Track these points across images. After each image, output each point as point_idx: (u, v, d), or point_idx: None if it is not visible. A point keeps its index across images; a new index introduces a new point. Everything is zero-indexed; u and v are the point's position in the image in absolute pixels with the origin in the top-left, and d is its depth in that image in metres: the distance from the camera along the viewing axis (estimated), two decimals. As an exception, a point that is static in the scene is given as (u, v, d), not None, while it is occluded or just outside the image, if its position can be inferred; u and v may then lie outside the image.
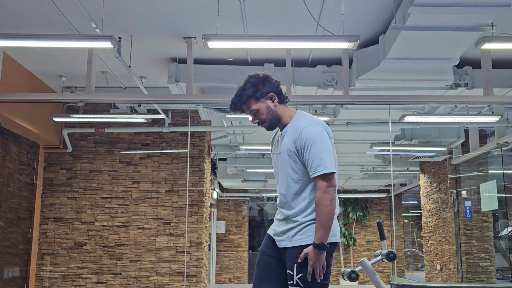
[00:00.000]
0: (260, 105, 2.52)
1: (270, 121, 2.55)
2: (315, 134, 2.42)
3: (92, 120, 7.96)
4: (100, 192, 8.08)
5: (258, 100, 2.52)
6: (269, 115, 2.53)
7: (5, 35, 4.69)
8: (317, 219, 2.36)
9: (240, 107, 2.54)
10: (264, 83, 2.53)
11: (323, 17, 5.20)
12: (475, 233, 9.66)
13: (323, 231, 2.34)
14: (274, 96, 2.53)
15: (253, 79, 2.53)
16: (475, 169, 9.64)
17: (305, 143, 2.41)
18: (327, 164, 2.38)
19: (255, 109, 2.53)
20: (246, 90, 2.51)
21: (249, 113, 2.56)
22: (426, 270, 11.33)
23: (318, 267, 2.37)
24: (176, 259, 7.90)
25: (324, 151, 2.40)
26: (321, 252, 2.35)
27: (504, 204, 9.01)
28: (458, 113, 7.32)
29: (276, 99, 2.54)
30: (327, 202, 2.34)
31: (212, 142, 9.13)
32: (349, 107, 7.05)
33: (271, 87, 2.54)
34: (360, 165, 11.48)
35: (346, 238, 15.48)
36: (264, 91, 2.52)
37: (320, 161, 2.37)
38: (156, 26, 5.57)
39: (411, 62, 5.61)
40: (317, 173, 2.37)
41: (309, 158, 2.40)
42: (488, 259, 9.41)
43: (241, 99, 2.52)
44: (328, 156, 2.40)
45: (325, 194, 2.35)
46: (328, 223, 2.35)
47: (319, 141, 2.41)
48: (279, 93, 2.55)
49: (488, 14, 4.58)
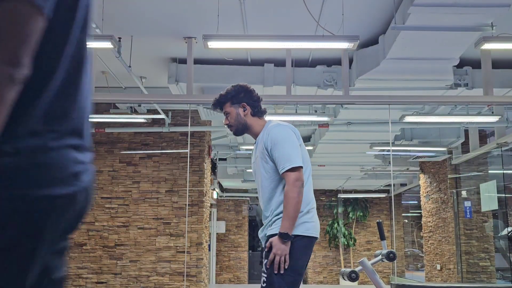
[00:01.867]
0: (232, 110, 2.79)
1: (237, 126, 2.81)
2: (281, 133, 2.65)
3: (92, 120, 7.96)
4: (100, 192, 8.08)
5: (232, 104, 2.78)
6: (236, 121, 2.79)
7: (5, 35, 4.68)
8: (284, 210, 2.52)
9: (218, 105, 2.83)
10: (245, 93, 2.79)
11: (323, 17, 5.21)
12: (475, 233, 9.67)
13: (288, 222, 2.49)
14: (246, 106, 2.78)
15: (237, 86, 2.81)
16: (475, 169, 9.64)
17: (272, 142, 2.63)
18: (293, 159, 2.56)
19: (227, 112, 2.80)
20: (228, 93, 2.79)
21: (223, 113, 2.83)
22: (426, 270, 11.33)
23: (280, 256, 2.47)
24: (176, 259, 7.91)
25: (290, 148, 2.60)
26: (285, 241, 2.48)
27: (504, 204, 9.01)
28: (458, 113, 7.32)
29: (248, 110, 2.78)
30: (294, 195, 2.50)
31: (212, 142, 9.14)
32: (349, 107, 7.05)
33: (248, 99, 2.79)
34: (360, 165, 11.49)
35: (346, 238, 15.48)
36: (240, 99, 2.77)
37: (287, 156, 2.57)
38: (156, 26, 5.57)
39: (411, 62, 5.62)
40: (285, 168, 2.55)
41: (278, 155, 2.60)
42: (488, 259, 9.41)
43: (220, 99, 2.80)
44: (294, 152, 2.59)
45: (292, 187, 2.51)
46: (294, 214, 2.50)
47: (285, 139, 2.62)
48: (254, 106, 2.79)
49: (488, 14, 4.58)
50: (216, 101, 2.81)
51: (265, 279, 2.54)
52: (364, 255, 15.38)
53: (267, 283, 2.53)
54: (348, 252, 15.65)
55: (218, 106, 2.81)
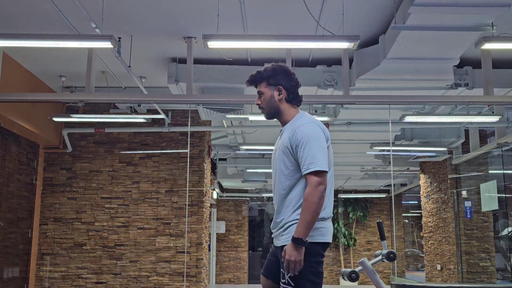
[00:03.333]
0: (266, 90, 2.63)
1: (268, 109, 2.65)
2: (310, 132, 2.47)
3: (92, 120, 7.96)
4: (100, 192, 8.08)
5: (268, 85, 2.62)
6: (269, 103, 2.63)
7: (5, 35, 4.68)
8: (301, 213, 2.36)
9: (253, 83, 2.67)
10: (283, 75, 2.63)
11: (323, 17, 5.20)
12: (475, 233, 9.66)
13: (304, 227, 2.33)
14: (281, 90, 2.61)
15: (277, 66, 2.64)
16: (475, 169, 9.63)
17: (300, 140, 2.46)
18: (320, 162, 2.40)
19: (262, 92, 2.64)
20: (265, 72, 2.63)
21: (257, 92, 2.67)
22: (426, 270, 11.32)
23: (293, 262, 2.33)
24: (176, 259, 7.90)
25: (318, 150, 2.43)
26: (298, 247, 2.32)
27: (504, 204, 9.01)
28: (458, 113, 7.32)
29: (283, 94, 2.62)
30: (315, 199, 2.34)
31: (212, 142, 9.13)
32: (349, 107, 7.04)
33: (285, 82, 2.62)
34: (360, 165, 11.48)
35: (346, 238, 15.48)
36: (277, 81, 2.61)
37: (313, 158, 2.40)
38: (156, 26, 5.57)
39: (411, 62, 5.61)
40: (310, 169, 2.39)
41: (303, 155, 2.43)
42: (488, 259, 9.41)
43: (256, 76, 2.65)
44: (322, 155, 2.43)
45: (314, 191, 2.35)
46: (312, 219, 2.34)
47: (314, 140, 2.45)
48: (290, 91, 2.63)
49: (488, 14, 4.58)
50: (251, 78, 2.65)
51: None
52: (364, 255, 15.38)
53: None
54: (348, 252, 15.64)
55: (253, 84, 2.66)
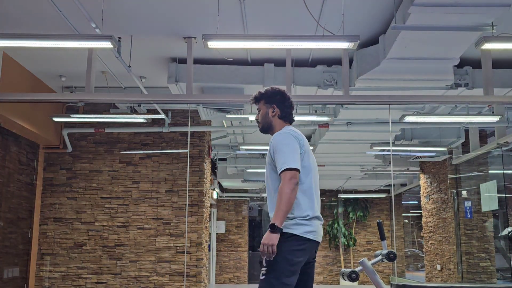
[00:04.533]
0: (263, 108, 3.08)
1: (263, 124, 3.09)
2: (280, 139, 2.87)
3: (92, 120, 7.96)
4: (100, 192, 8.08)
5: (265, 103, 3.07)
6: (264, 119, 3.08)
7: (5, 35, 4.68)
8: (277, 203, 2.71)
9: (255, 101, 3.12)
10: (279, 97, 3.06)
11: (323, 17, 5.20)
12: (475, 233, 9.66)
13: (278, 214, 2.67)
14: (275, 108, 3.04)
15: (275, 89, 3.10)
16: (475, 169, 9.63)
17: (274, 147, 2.86)
18: (290, 161, 2.77)
19: (259, 108, 3.11)
20: (266, 92, 3.08)
21: (257, 109, 3.14)
22: (426, 270, 11.32)
23: (266, 245, 2.64)
24: (176, 259, 7.90)
25: (288, 152, 2.80)
26: (272, 232, 2.65)
27: (504, 204, 9.00)
28: (458, 113, 7.32)
29: (276, 112, 3.04)
30: (288, 190, 2.69)
31: (212, 142, 9.13)
32: (349, 107, 7.04)
33: (279, 102, 3.05)
34: (360, 165, 11.48)
35: (346, 238, 15.48)
36: (273, 101, 3.05)
37: (285, 159, 2.77)
38: (156, 26, 5.57)
39: (411, 62, 5.61)
40: (282, 168, 2.76)
41: (277, 158, 2.82)
42: (488, 259, 9.40)
43: (257, 95, 3.10)
44: (293, 156, 2.79)
45: (287, 183, 2.70)
46: (285, 208, 2.68)
47: (284, 145, 2.83)
48: (282, 109, 3.05)
49: (488, 14, 4.58)
50: (254, 97, 3.11)
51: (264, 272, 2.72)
52: (364, 255, 15.37)
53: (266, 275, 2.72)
54: (348, 252, 15.64)
55: (255, 101, 3.11)
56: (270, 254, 2.64)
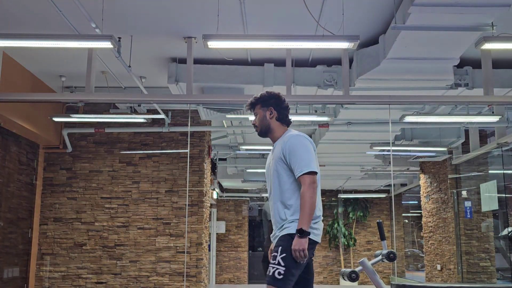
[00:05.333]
0: (260, 111, 3.09)
1: (261, 127, 3.10)
2: (298, 142, 2.91)
3: (92, 120, 7.96)
4: (100, 192, 8.08)
5: (262, 107, 3.08)
6: (261, 122, 3.09)
7: (5, 35, 4.68)
8: (301, 209, 2.76)
9: (251, 107, 3.14)
10: (275, 100, 3.08)
11: (323, 17, 5.20)
12: (475, 233, 9.66)
13: (305, 219, 2.73)
14: (273, 110, 3.07)
15: (270, 93, 3.11)
16: (475, 169, 9.63)
17: (290, 149, 2.89)
18: (311, 165, 2.83)
19: (256, 113, 3.11)
20: (261, 97, 3.10)
21: (254, 114, 3.14)
22: (426, 270, 11.32)
23: (298, 251, 2.70)
24: (176, 259, 7.90)
25: (307, 155, 2.85)
26: (301, 237, 2.71)
27: (504, 204, 9.00)
28: (458, 113, 7.32)
29: (274, 114, 3.06)
30: (311, 195, 2.76)
31: (212, 142, 9.13)
32: (349, 107, 7.04)
33: (276, 104, 3.07)
34: (360, 165, 11.48)
35: (346, 238, 15.47)
36: (269, 104, 3.07)
37: (305, 162, 2.82)
38: (156, 26, 5.57)
39: (411, 62, 5.61)
40: (303, 171, 2.80)
41: (295, 161, 2.85)
42: (488, 259, 9.40)
43: (253, 100, 3.11)
44: (312, 159, 2.85)
45: (309, 188, 2.77)
46: (310, 212, 2.75)
47: (302, 147, 2.88)
48: (280, 112, 3.07)
49: (488, 14, 4.58)
50: (249, 103, 3.12)
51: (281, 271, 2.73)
52: (364, 255, 15.38)
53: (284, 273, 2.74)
54: (348, 252, 15.64)
55: (251, 107, 3.13)
56: (302, 258, 2.71)
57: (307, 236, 2.72)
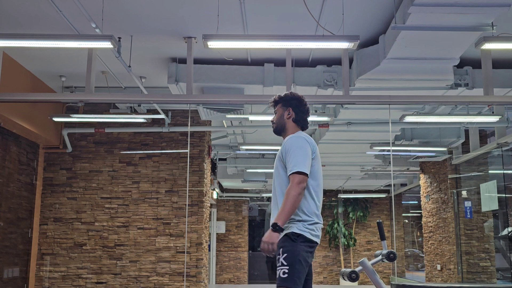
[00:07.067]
0: (280, 110, 3.18)
1: (277, 125, 3.19)
2: (294, 142, 2.97)
3: (92, 120, 7.96)
4: (100, 192, 8.08)
5: (282, 106, 3.18)
6: (278, 120, 3.18)
7: (5, 35, 4.68)
8: (282, 204, 2.80)
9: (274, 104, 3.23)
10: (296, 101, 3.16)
11: (323, 17, 5.20)
12: (475, 233, 9.66)
13: (282, 215, 2.76)
14: (291, 111, 3.15)
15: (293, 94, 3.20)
16: (475, 169, 9.63)
17: (286, 149, 2.95)
18: (301, 165, 2.85)
19: (276, 110, 3.23)
20: (284, 96, 3.19)
21: (274, 112, 3.25)
22: (426, 270, 11.32)
23: (267, 244, 2.74)
24: (176, 259, 7.90)
25: (301, 156, 2.89)
26: (274, 231, 2.75)
27: (504, 204, 9.00)
28: (458, 113, 7.32)
29: (291, 115, 3.14)
30: (294, 193, 2.78)
31: (212, 142, 9.13)
32: (349, 107, 7.04)
33: (295, 106, 3.15)
34: (360, 165, 11.48)
35: (346, 238, 15.47)
36: (289, 104, 3.16)
37: (296, 162, 2.86)
38: (156, 26, 5.57)
39: (411, 62, 5.61)
40: (292, 171, 2.85)
41: (288, 160, 2.90)
42: (488, 259, 9.40)
43: (276, 98, 3.22)
44: (305, 161, 2.87)
45: (295, 187, 2.79)
46: (290, 210, 2.77)
47: (297, 148, 2.92)
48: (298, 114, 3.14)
49: (488, 14, 4.58)
50: (273, 100, 3.23)
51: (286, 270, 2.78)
52: (364, 255, 15.37)
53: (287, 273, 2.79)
54: (348, 252, 15.64)
55: (274, 104, 3.23)
56: (270, 251, 2.74)
57: (280, 232, 2.76)
